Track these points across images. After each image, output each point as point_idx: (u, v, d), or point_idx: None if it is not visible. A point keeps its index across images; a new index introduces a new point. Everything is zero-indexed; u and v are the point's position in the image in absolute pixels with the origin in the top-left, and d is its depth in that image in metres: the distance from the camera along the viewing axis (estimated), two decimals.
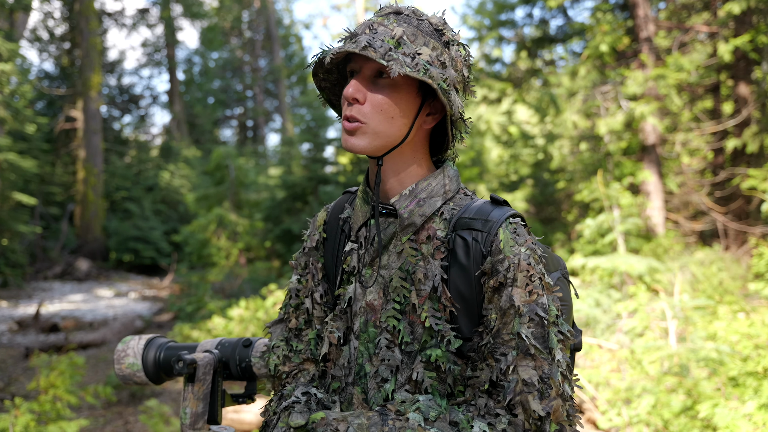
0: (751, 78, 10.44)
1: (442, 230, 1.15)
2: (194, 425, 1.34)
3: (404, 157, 1.19)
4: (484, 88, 13.60)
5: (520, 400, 1.02)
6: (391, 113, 1.11)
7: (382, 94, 1.11)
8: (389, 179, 1.19)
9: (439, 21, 1.15)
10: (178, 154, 22.82)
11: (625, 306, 5.68)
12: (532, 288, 1.06)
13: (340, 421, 1.05)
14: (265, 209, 13.70)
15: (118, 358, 1.47)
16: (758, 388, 3.52)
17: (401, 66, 1.03)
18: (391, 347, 1.16)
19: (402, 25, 1.11)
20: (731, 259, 8.88)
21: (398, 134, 1.14)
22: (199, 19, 28.51)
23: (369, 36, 1.07)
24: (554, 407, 1.01)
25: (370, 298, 1.19)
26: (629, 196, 8.52)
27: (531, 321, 1.04)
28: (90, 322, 10.47)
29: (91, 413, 5.56)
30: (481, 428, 1.02)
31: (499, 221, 1.11)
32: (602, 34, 9.85)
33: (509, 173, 15.49)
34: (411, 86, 1.13)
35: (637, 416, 3.99)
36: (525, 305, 1.05)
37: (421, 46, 1.09)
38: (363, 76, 1.12)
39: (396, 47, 1.07)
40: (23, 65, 14.52)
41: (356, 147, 1.13)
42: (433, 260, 1.14)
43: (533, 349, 1.03)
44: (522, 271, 1.07)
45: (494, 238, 1.09)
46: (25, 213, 13.56)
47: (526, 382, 1.02)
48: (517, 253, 1.08)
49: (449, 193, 1.18)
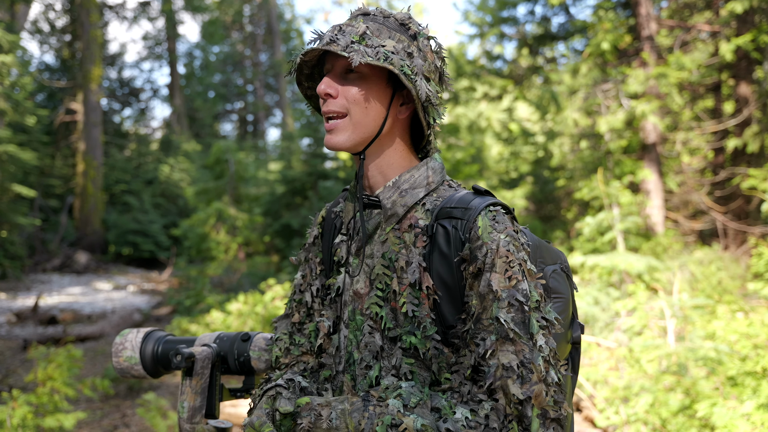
0: (752, 77, 10.42)
1: (424, 220, 1.18)
2: (192, 419, 1.33)
3: (386, 151, 1.23)
4: (485, 85, 13.59)
5: (500, 384, 1.02)
6: (365, 104, 1.17)
7: (353, 86, 1.17)
8: (373, 173, 1.24)
9: (404, 16, 1.21)
10: (178, 148, 22.80)
11: (623, 304, 5.68)
12: (512, 274, 1.07)
13: (323, 407, 1.08)
14: (265, 204, 13.69)
15: (115, 351, 1.46)
16: (757, 388, 3.52)
17: (362, 56, 1.09)
18: (373, 334, 1.19)
19: (368, 22, 1.18)
20: (730, 259, 8.89)
21: (374, 124, 1.18)
22: (200, 13, 28.45)
23: (335, 35, 1.14)
24: (536, 392, 1.01)
25: (357, 286, 1.23)
26: (629, 194, 8.52)
27: (510, 306, 1.05)
28: (88, 314, 10.47)
29: (89, 406, 5.56)
30: (463, 414, 1.03)
31: (478, 209, 1.12)
32: (604, 32, 9.83)
33: (509, 170, 15.49)
34: (380, 78, 1.18)
35: (635, 415, 3.99)
36: (504, 290, 1.06)
37: (386, 39, 1.16)
38: (334, 73, 1.19)
39: (359, 41, 1.13)
40: (24, 57, 14.50)
41: (338, 143, 1.18)
42: (415, 248, 1.16)
43: (512, 334, 1.04)
44: (501, 257, 1.08)
45: (473, 225, 1.11)
46: (24, 205, 13.56)
47: (506, 367, 1.02)
48: (495, 239, 1.09)
49: (432, 185, 1.21)
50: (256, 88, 33.27)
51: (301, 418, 1.08)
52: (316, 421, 1.06)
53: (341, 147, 1.19)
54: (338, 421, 1.05)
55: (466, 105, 14.79)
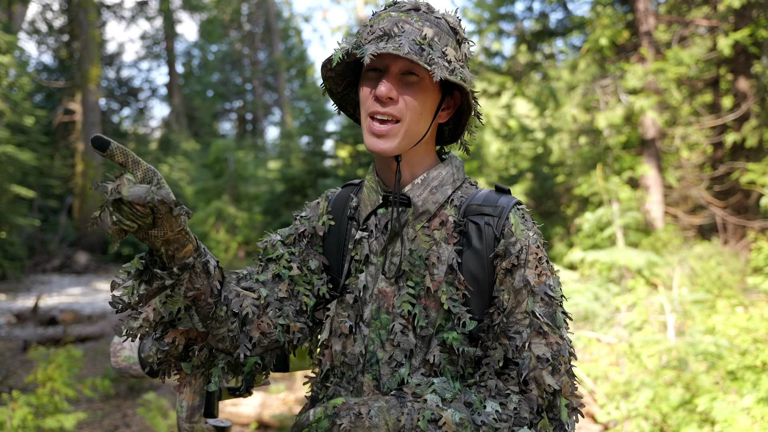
0: (750, 72, 10.42)
1: (454, 216, 1.20)
2: (190, 418, 1.33)
3: (419, 150, 1.23)
4: (484, 82, 13.57)
5: (534, 375, 1.06)
6: (420, 111, 1.15)
7: (412, 92, 1.14)
8: (403, 171, 1.23)
9: (455, 20, 1.19)
10: (177, 147, 22.78)
11: (623, 300, 5.68)
12: (541, 270, 1.12)
13: (361, 405, 1.05)
14: (264, 202, 13.69)
15: (114, 351, 1.46)
16: (756, 382, 3.52)
17: (443, 71, 1.07)
18: (406, 332, 1.18)
19: (424, 22, 1.13)
20: (730, 253, 8.89)
21: (423, 131, 1.18)
22: (198, 12, 28.42)
23: (401, 36, 1.09)
24: (564, 382, 1.07)
25: (382, 285, 1.21)
26: (628, 190, 8.52)
27: (542, 300, 1.10)
28: (88, 315, 10.47)
29: (89, 406, 5.56)
30: (493, 408, 1.05)
31: (508, 206, 1.17)
32: (602, 28, 9.82)
33: (508, 167, 15.48)
34: (435, 85, 1.17)
35: (635, 410, 3.99)
36: (537, 285, 1.10)
37: (446, 46, 1.13)
38: (392, 75, 1.13)
39: (429, 48, 1.10)
40: (22, 57, 14.46)
41: (388, 150, 1.15)
42: (446, 245, 1.18)
43: (546, 327, 1.08)
44: (532, 253, 1.13)
45: (505, 222, 1.15)
46: (23, 206, 13.55)
47: (540, 358, 1.06)
48: (527, 236, 1.14)
49: (458, 182, 1.24)
50: (254, 87, 33.24)
51: (340, 418, 1.04)
52: (356, 420, 1.03)
53: (390, 152, 1.16)
54: (377, 419, 1.03)
55: None
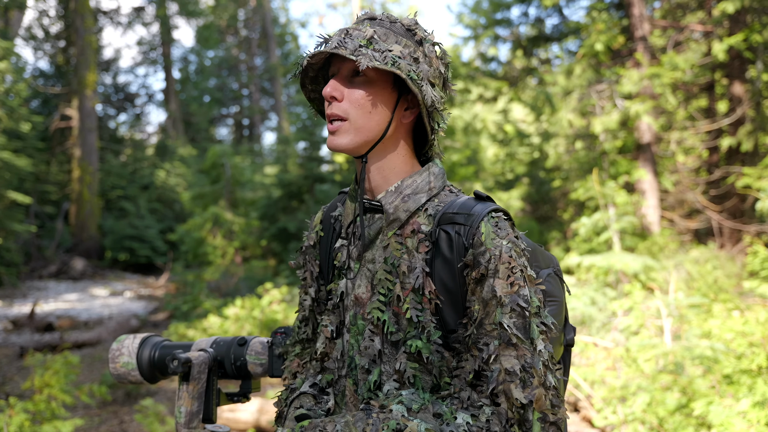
0: (745, 77, 10.47)
1: (426, 225, 1.18)
2: (189, 424, 1.34)
3: (389, 155, 1.23)
4: (480, 87, 13.61)
5: (503, 389, 1.03)
6: (368, 108, 1.17)
7: (358, 90, 1.17)
8: (375, 176, 1.24)
9: (411, 22, 1.21)
10: (174, 153, 22.77)
11: (620, 304, 5.70)
12: (514, 279, 1.08)
13: (327, 422, 1.08)
14: (261, 208, 13.68)
15: (112, 357, 1.46)
16: (752, 386, 3.53)
17: (370, 60, 1.10)
18: (373, 338, 1.19)
19: (375, 27, 1.18)
20: (726, 258, 8.92)
21: (377, 128, 1.19)
22: (194, 18, 28.45)
23: (342, 38, 1.15)
24: (537, 396, 1.02)
25: (359, 291, 1.23)
26: (624, 194, 8.55)
27: (512, 311, 1.06)
28: (85, 321, 10.45)
29: (86, 413, 5.55)
30: (464, 419, 1.04)
31: (481, 215, 1.13)
32: (597, 33, 9.87)
33: (505, 172, 15.50)
34: (386, 82, 1.19)
35: (632, 414, 4.00)
36: (507, 296, 1.07)
37: (393, 44, 1.16)
38: (341, 76, 1.19)
39: (367, 45, 1.14)
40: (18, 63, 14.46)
41: (340, 145, 1.19)
42: (417, 254, 1.17)
43: (515, 339, 1.05)
44: (504, 263, 1.09)
45: (476, 231, 1.12)
46: (20, 212, 13.50)
47: (509, 371, 1.04)
48: (498, 245, 1.10)
49: (434, 190, 1.22)
50: (251, 92, 33.23)
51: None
52: None
53: (343, 149, 1.19)
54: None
55: (462, 107, 14.82)
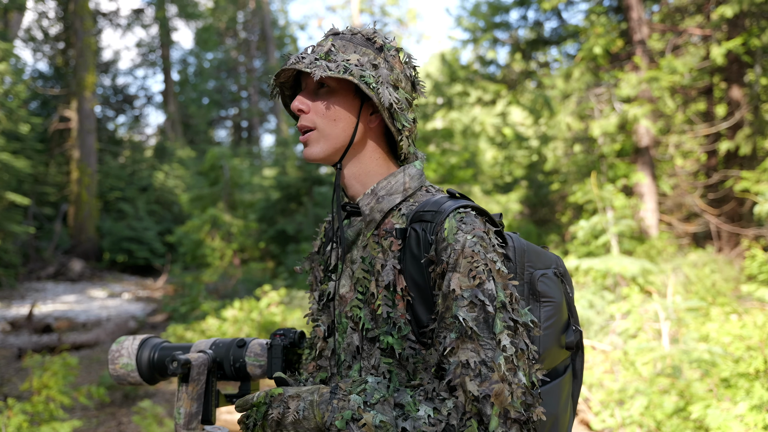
0: (743, 81, 10.50)
1: (400, 224, 1.23)
2: (188, 425, 1.34)
3: (363, 160, 1.29)
4: (479, 90, 13.63)
5: (459, 381, 1.04)
6: (332, 116, 1.24)
7: (322, 101, 1.25)
8: (352, 182, 1.30)
9: (370, 31, 1.29)
10: (173, 155, 22.78)
11: (618, 307, 5.70)
12: (476, 273, 1.08)
13: (293, 398, 1.12)
14: (260, 210, 13.69)
15: (112, 359, 1.47)
16: (750, 389, 3.54)
17: (323, 70, 1.17)
18: (352, 334, 1.24)
19: (336, 40, 1.26)
20: (724, 261, 8.93)
21: (344, 135, 1.25)
22: (194, 20, 28.48)
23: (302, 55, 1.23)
24: (495, 390, 1.02)
25: (342, 291, 1.28)
26: (623, 197, 8.55)
27: (472, 305, 1.07)
28: (83, 322, 10.44)
29: (84, 414, 5.54)
30: (426, 411, 1.05)
31: (447, 211, 1.15)
32: (596, 37, 9.89)
33: (503, 175, 15.53)
34: (347, 90, 1.25)
35: (630, 417, 4.00)
36: (466, 290, 1.07)
37: (351, 53, 1.23)
38: (307, 90, 1.28)
39: (324, 58, 1.21)
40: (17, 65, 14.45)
41: (312, 155, 1.27)
42: (390, 252, 1.21)
43: (472, 333, 1.05)
44: (466, 257, 1.09)
45: (439, 227, 1.14)
46: (18, 213, 13.50)
47: (464, 365, 1.04)
48: (460, 240, 1.11)
49: (409, 191, 1.26)
50: (250, 95, 33.24)
51: (273, 408, 1.13)
52: (285, 412, 1.11)
53: (315, 158, 1.27)
54: (306, 412, 1.09)
55: (460, 110, 14.84)
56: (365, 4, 29.88)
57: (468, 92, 13.84)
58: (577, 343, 1.34)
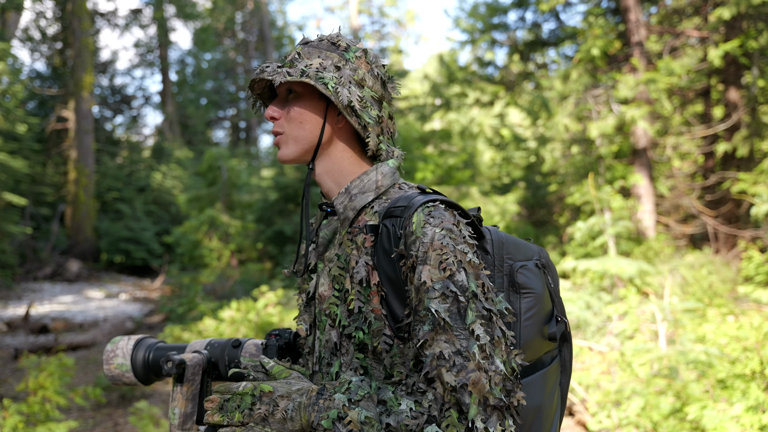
0: (741, 82, 10.52)
1: (373, 221, 1.25)
2: (183, 425, 1.34)
3: (335, 160, 1.33)
4: (477, 91, 13.64)
5: (436, 373, 1.06)
6: (300, 119, 1.30)
7: (291, 105, 1.32)
8: (327, 181, 1.34)
9: (334, 36, 1.34)
10: (170, 155, 22.75)
11: (615, 308, 5.71)
12: (446, 265, 1.10)
13: (283, 398, 1.13)
14: (258, 211, 13.68)
15: (107, 359, 1.47)
16: (746, 390, 3.54)
17: (283, 76, 1.24)
18: (330, 331, 1.26)
19: (303, 49, 1.32)
20: (721, 263, 8.94)
21: (311, 136, 1.31)
22: (192, 20, 28.46)
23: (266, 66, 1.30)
24: (472, 379, 1.03)
25: (321, 289, 1.30)
26: (620, 199, 8.56)
27: (444, 297, 1.08)
28: (80, 323, 10.42)
29: (81, 415, 5.53)
30: (407, 405, 1.07)
31: (415, 206, 1.17)
32: (594, 38, 9.90)
33: (501, 176, 15.54)
34: (312, 94, 1.31)
35: (626, 418, 4.01)
36: (437, 282, 1.09)
37: (314, 59, 1.29)
38: (279, 98, 1.35)
39: (288, 65, 1.29)
40: (15, 65, 14.45)
41: (283, 156, 1.34)
42: (364, 248, 1.23)
43: (445, 324, 1.07)
44: (435, 249, 1.11)
45: (408, 221, 1.16)
46: (15, 213, 13.49)
47: (440, 356, 1.06)
48: (428, 233, 1.13)
49: (382, 188, 1.29)
50: (248, 95, 33.21)
51: (261, 404, 1.14)
52: (273, 410, 1.12)
53: (287, 159, 1.33)
54: (294, 413, 1.11)
55: (458, 111, 14.84)
56: (364, 5, 29.91)
57: (466, 93, 13.84)
58: (564, 335, 1.35)
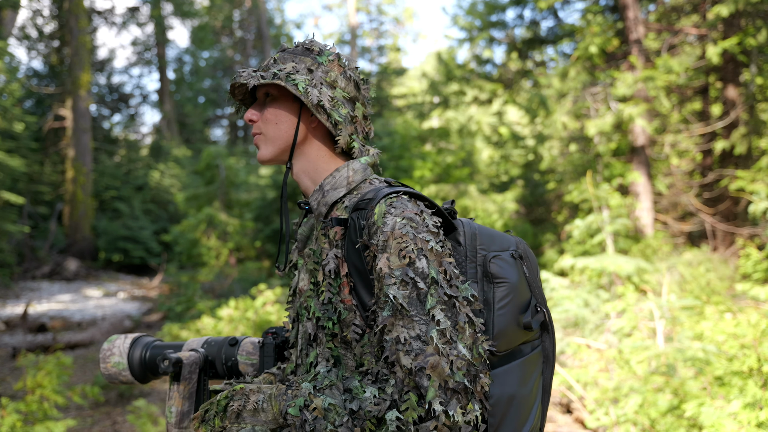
0: (739, 80, 10.52)
1: (344, 215, 1.29)
2: (180, 424, 1.34)
3: (310, 158, 1.39)
4: (475, 89, 13.64)
5: (395, 358, 1.09)
6: (275, 120, 1.37)
7: (267, 108, 1.39)
8: (304, 180, 1.40)
9: (307, 41, 1.42)
10: (168, 154, 22.72)
11: (613, 306, 5.71)
12: (406, 253, 1.13)
13: (254, 392, 1.20)
14: (256, 209, 13.66)
15: (103, 357, 1.47)
16: (743, 388, 3.54)
17: (257, 80, 1.31)
18: (307, 323, 1.30)
19: (279, 55, 1.39)
20: (719, 260, 8.95)
21: (286, 136, 1.37)
22: (189, 18, 28.39)
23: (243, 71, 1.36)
24: (431, 363, 1.06)
25: (302, 284, 1.34)
26: (618, 197, 8.56)
27: (403, 283, 1.12)
28: (78, 322, 10.41)
29: (79, 413, 5.53)
30: (372, 392, 1.11)
31: (378, 198, 1.21)
32: (592, 36, 9.90)
33: (500, 174, 15.54)
34: (287, 96, 1.38)
35: (624, 415, 4.01)
36: (397, 269, 1.13)
37: (288, 63, 1.36)
38: (258, 102, 1.43)
39: (262, 70, 1.36)
40: (11, 63, 14.39)
41: (261, 156, 1.40)
42: (334, 241, 1.27)
43: (403, 309, 1.10)
44: (396, 238, 1.15)
45: (370, 213, 1.20)
46: (13, 212, 13.46)
47: (397, 340, 1.09)
48: (388, 222, 1.17)
49: (353, 184, 1.33)
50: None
51: (233, 401, 1.19)
52: (245, 403, 1.18)
53: (264, 159, 1.40)
54: (265, 404, 1.16)
55: (456, 109, 14.85)
56: (361, 2, 29.86)
57: (464, 91, 13.84)
58: (543, 324, 1.35)
